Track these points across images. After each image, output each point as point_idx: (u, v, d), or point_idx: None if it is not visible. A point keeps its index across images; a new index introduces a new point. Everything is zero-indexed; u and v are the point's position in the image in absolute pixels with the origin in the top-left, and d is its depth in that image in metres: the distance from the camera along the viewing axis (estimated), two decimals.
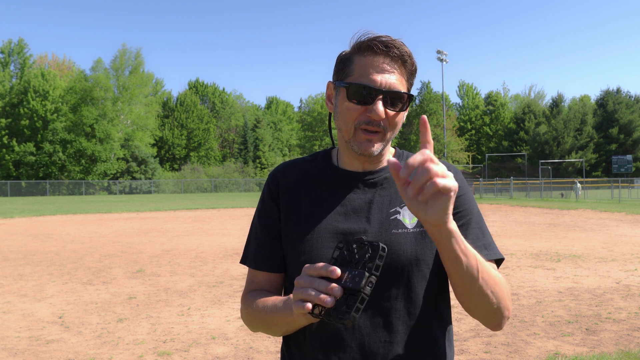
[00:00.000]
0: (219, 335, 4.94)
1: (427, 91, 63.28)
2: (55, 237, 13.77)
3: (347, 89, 1.16)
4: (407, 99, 1.16)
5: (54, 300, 6.42)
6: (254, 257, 1.26)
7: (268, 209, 1.26)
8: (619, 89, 70.97)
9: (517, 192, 39.81)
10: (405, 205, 1.16)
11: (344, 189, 1.23)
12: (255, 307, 1.21)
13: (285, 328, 1.14)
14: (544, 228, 14.90)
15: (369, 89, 1.13)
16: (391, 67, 1.15)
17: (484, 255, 1.17)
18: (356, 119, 1.16)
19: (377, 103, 1.12)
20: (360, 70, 1.15)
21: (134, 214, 22.82)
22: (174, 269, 8.58)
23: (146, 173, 60.24)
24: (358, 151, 1.17)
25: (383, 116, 1.13)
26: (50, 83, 57.46)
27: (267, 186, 1.28)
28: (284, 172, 1.29)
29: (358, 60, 1.17)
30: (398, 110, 1.16)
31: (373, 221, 1.18)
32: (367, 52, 1.16)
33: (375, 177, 1.23)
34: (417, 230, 1.17)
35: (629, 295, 6.37)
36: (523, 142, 67.94)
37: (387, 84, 1.13)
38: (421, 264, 1.16)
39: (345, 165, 1.25)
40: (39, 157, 55.95)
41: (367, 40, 1.16)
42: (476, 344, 4.58)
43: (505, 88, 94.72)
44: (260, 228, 1.26)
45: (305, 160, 1.31)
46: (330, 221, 1.18)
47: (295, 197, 1.24)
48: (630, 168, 53.17)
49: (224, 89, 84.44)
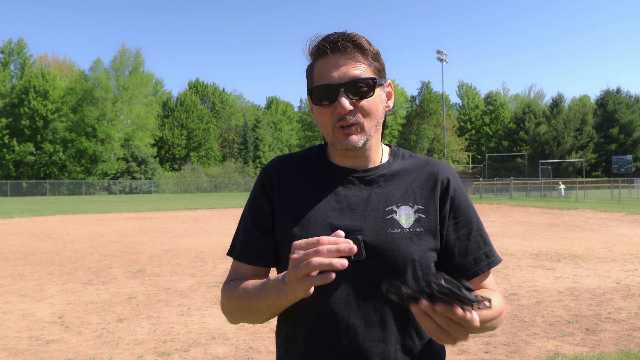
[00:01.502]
0: (219, 335, 4.94)
1: (427, 91, 63.26)
2: (55, 237, 13.77)
3: (311, 96, 1.18)
4: (372, 83, 1.16)
5: (54, 300, 6.42)
6: (241, 250, 1.25)
7: (260, 202, 1.25)
8: (619, 89, 70.97)
9: (517, 192, 39.81)
10: (403, 205, 1.18)
11: (339, 185, 1.22)
12: (235, 294, 1.19)
13: (269, 313, 1.14)
14: (544, 228, 14.90)
15: (327, 87, 1.14)
16: (346, 59, 1.15)
17: (484, 264, 1.23)
18: (329, 119, 1.16)
19: (340, 97, 1.13)
20: (319, 74, 1.17)
21: (134, 214, 22.82)
22: (174, 269, 8.58)
23: (146, 173, 60.23)
24: (342, 148, 1.17)
25: (349, 108, 1.13)
26: (50, 83, 57.45)
27: (260, 180, 1.27)
28: (277, 166, 1.27)
29: (316, 65, 1.18)
30: (364, 96, 1.15)
31: (369, 219, 1.17)
32: (320, 56, 1.18)
33: (371, 175, 1.22)
34: (413, 230, 1.17)
35: (629, 295, 6.37)
36: (523, 142, 67.92)
37: (344, 76, 1.14)
38: (416, 264, 1.15)
39: (338, 162, 1.25)
40: (39, 157, 55.94)
41: (316, 44, 1.17)
42: (476, 344, 4.58)
43: (505, 88, 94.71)
44: (250, 222, 1.25)
45: (299, 155, 1.30)
46: (326, 217, 1.18)
47: (290, 192, 1.23)
48: (630, 168, 53.19)
49: (224, 89, 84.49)
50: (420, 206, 1.19)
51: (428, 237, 1.18)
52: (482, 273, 1.24)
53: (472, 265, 1.23)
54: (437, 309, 0.87)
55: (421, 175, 1.23)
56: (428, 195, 1.21)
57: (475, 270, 1.23)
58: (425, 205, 1.20)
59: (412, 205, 1.19)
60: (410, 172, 1.24)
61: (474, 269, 1.23)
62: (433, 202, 1.21)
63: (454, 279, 0.86)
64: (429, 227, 1.18)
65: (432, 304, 0.87)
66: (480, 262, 1.23)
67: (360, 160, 1.23)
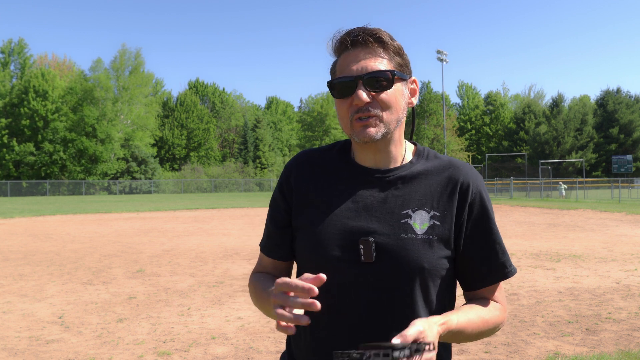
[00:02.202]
0: (219, 335, 4.94)
1: (427, 91, 63.25)
2: (55, 237, 13.77)
3: (331, 89, 1.19)
4: (391, 77, 1.15)
5: (54, 300, 6.42)
6: (265, 243, 1.33)
7: (277, 200, 1.29)
8: (619, 89, 70.98)
9: (517, 192, 39.80)
10: (418, 209, 1.17)
11: (356, 184, 1.21)
12: (252, 290, 1.30)
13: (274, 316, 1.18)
14: (544, 228, 14.90)
15: (346, 79, 1.15)
16: (367, 53, 1.16)
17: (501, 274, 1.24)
18: (348, 112, 1.16)
19: (357, 89, 1.14)
20: (340, 68, 1.18)
21: (134, 214, 22.82)
22: (174, 269, 8.58)
23: (146, 173, 60.22)
24: (359, 140, 1.16)
25: (366, 99, 1.13)
26: (50, 83, 57.44)
27: (281, 177, 1.31)
28: (298, 162, 1.30)
29: (339, 61, 1.20)
30: (382, 89, 1.14)
31: (383, 222, 1.16)
32: (341, 50, 1.19)
33: (390, 176, 1.20)
34: (426, 237, 1.15)
35: (629, 295, 6.37)
36: (523, 142, 67.93)
37: (363, 69, 1.14)
38: (426, 272, 1.14)
39: (359, 160, 1.24)
40: (39, 157, 55.93)
41: (338, 39, 1.19)
42: (476, 344, 4.58)
43: (505, 88, 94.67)
44: (269, 217, 1.32)
45: (322, 150, 1.31)
46: (341, 217, 1.18)
47: (307, 189, 1.24)
48: (630, 168, 53.19)
49: (224, 89, 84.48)
50: (436, 212, 1.17)
51: (441, 244, 1.16)
52: (497, 282, 1.24)
53: (487, 274, 1.22)
54: None
55: (442, 178, 1.21)
56: (446, 200, 1.19)
57: (491, 279, 1.23)
58: (441, 212, 1.18)
59: (429, 211, 1.17)
60: (431, 175, 1.21)
61: (489, 278, 1.23)
62: (450, 208, 1.18)
63: (382, 343, 0.89)
64: (442, 234, 1.17)
65: None
66: (496, 272, 1.23)
67: (381, 156, 1.21)
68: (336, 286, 1.13)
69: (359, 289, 1.13)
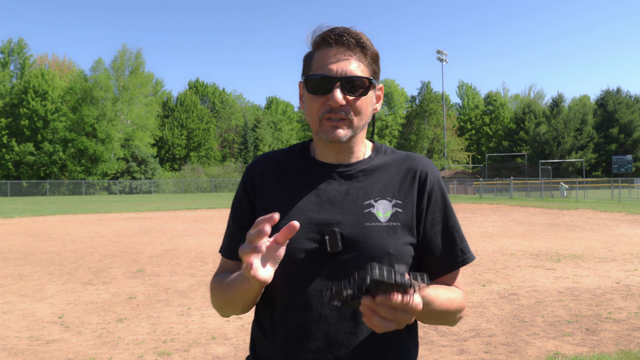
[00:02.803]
0: (219, 335, 4.94)
1: (427, 91, 63.26)
2: (55, 237, 13.77)
3: (306, 83, 1.19)
4: (368, 84, 1.18)
5: (54, 300, 6.42)
6: (227, 246, 1.30)
7: (240, 200, 1.29)
8: (619, 89, 71.02)
9: (517, 192, 39.80)
10: (381, 199, 1.20)
11: (319, 180, 1.23)
12: (216, 287, 1.25)
13: (242, 301, 1.18)
14: (544, 228, 14.90)
15: (325, 77, 1.15)
16: (348, 55, 1.17)
17: (460, 260, 1.26)
18: (319, 109, 1.18)
19: (335, 90, 1.14)
20: (318, 63, 1.18)
21: (134, 214, 22.82)
22: (174, 269, 8.58)
23: (146, 173, 60.23)
24: (327, 139, 1.18)
25: (342, 102, 1.15)
26: (50, 83, 57.44)
27: (243, 178, 1.31)
28: (260, 164, 1.31)
29: (316, 55, 1.19)
30: (358, 95, 1.17)
31: (347, 213, 1.19)
32: (322, 46, 1.19)
33: (351, 170, 1.24)
34: (390, 225, 1.19)
35: (629, 295, 6.37)
36: (523, 142, 67.93)
37: (343, 71, 1.15)
38: (392, 258, 1.16)
39: (320, 157, 1.26)
40: (38, 157, 55.93)
41: (322, 33, 1.18)
42: (476, 344, 4.58)
43: (505, 88, 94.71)
44: (232, 219, 1.30)
45: (283, 152, 1.33)
46: (305, 211, 1.19)
47: (271, 188, 1.25)
48: (630, 168, 53.21)
49: (224, 89, 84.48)
50: (398, 200, 1.22)
51: (404, 231, 1.20)
52: (457, 268, 1.26)
53: (447, 260, 1.25)
54: (377, 300, 0.89)
55: (401, 169, 1.25)
56: (407, 189, 1.23)
57: (452, 265, 1.25)
58: (403, 200, 1.22)
59: (390, 200, 1.21)
60: (390, 167, 1.26)
61: (450, 264, 1.25)
62: (411, 196, 1.23)
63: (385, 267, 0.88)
64: (405, 221, 1.20)
65: (372, 298, 0.89)
66: (455, 258, 1.26)
67: (342, 155, 1.24)
68: (304, 279, 1.16)
69: (327, 279, 1.15)
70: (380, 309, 0.90)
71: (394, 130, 74.39)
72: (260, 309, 1.25)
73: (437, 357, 4.30)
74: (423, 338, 4.77)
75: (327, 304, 1.15)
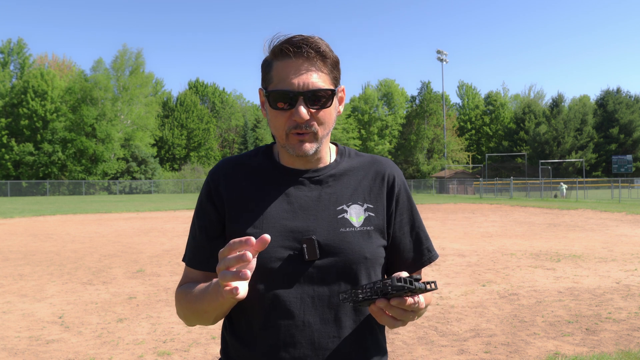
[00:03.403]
0: (219, 335, 4.94)
1: (427, 91, 63.27)
2: (55, 237, 13.78)
3: (268, 98, 1.17)
4: (330, 94, 1.17)
5: (54, 300, 6.42)
6: (193, 256, 1.26)
7: (205, 209, 1.25)
8: (619, 89, 71.01)
9: (517, 192, 39.81)
10: (352, 204, 1.23)
11: (288, 186, 1.22)
12: (184, 298, 1.22)
13: (214, 314, 1.16)
14: (544, 228, 14.90)
15: (287, 93, 1.14)
16: (308, 66, 1.15)
17: (426, 259, 1.33)
18: (285, 124, 1.16)
19: (299, 106, 1.14)
20: (279, 76, 1.16)
21: (134, 214, 22.83)
22: (174, 269, 8.58)
23: (146, 173, 60.24)
24: (294, 153, 1.18)
25: (307, 117, 1.14)
26: (50, 83, 57.44)
27: (207, 186, 1.26)
28: (225, 170, 1.26)
29: (275, 65, 1.17)
30: (321, 106, 1.16)
31: (321, 219, 1.19)
32: (281, 57, 1.16)
33: (320, 175, 1.24)
34: (363, 229, 1.21)
35: (629, 295, 6.37)
36: (523, 142, 67.93)
37: (305, 84, 1.14)
38: (368, 262, 1.20)
39: (286, 163, 1.25)
40: (38, 157, 55.93)
41: (279, 44, 1.16)
42: (476, 344, 4.58)
43: (504, 88, 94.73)
44: (198, 228, 1.26)
45: (246, 156, 1.30)
46: (278, 219, 1.18)
47: (239, 196, 1.22)
48: (630, 168, 53.21)
49: (224, 89, 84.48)
50: (369, 205, 1.24)
51: (377, 234, 1.23)
52: (424, 266, 1.32)
53: (415, 259, 1.31)
54: (392, 303, 0.98)
55: (369, 173, 1.28)
56: (376, 193, 1.26)
57: (419, 264, 1.31)
58: (374, 204, 1.25)
59: (362, 204, 1.23)
60: (358, 171, 1.28)
61: (417, 262, 1.31)
62: (381, 200, 1.26)
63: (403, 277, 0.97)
64: (377, 225, 1.23)
65: (388, 300, 0.98)
66: (422, 257, 1.32)
67: (309, 162, 1.24)
68: (283, 287, 1.15)
69: (305, 286, 1.15)
70: (393, 310, 1.00)
71: (394, 130, 74.40)
72: (235, 318, 1.22)
73: (437, 357, 4.30)
74: (423, 338, 4.77)
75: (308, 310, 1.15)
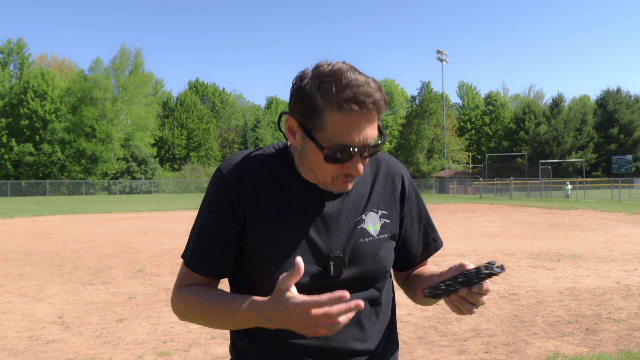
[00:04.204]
0: (219, 335, 4.94)
1: (427, 91, 63.25)
2: (55, 237, 13.78)
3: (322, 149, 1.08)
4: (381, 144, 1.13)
5: (54, 300, 6.42)
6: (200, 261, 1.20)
7: (224, 214, 1.16)
8: (619, 89, 71.01)
9: (517, 192, 39.81)
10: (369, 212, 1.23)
11: (312, 200, 1.19)
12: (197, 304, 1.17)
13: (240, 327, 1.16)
14: (544, 228, 14.90)
15: (348, 148, 1.07)
16: (367, 120, 1.07)
17: (432, 249, 1.37)
18: (334, 172, 1.12)
19: (356, 161, 1.09)
20: (336, 129, 1.06)
21: (134, 214, 22.82)
22: (174, 269, 8.58)
23: (146, 173, 60.24)
24: (334, 191, 1.17)
25: (362, 172, 1.11)
26: (49, 83, 57.44)
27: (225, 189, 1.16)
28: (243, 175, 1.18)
29: (331, 114, 1.05)
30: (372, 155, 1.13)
31: (342, 232, 1.19)
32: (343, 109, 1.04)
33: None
34: (381, 237, 1.23)
35: (629, 295, 6.37)
36: (523, 142, 67.94)
37: (365, 140, 1.07)
38: (387, 268, 1.24)
39: (308, 178, 1.18)
40: (37, 157, 55.93)
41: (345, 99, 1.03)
42: (476, 344, 4.58)
43: (505, 88, 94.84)
44: (209, 233, 1.18)
45: (263, 160, 1.21)
46: (302, 233, 1.16)
47: (261, 206, 1.16)
48: (630, 168, 53.22)
49: (224, 89, 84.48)
50: (383, 211, 1.25)
51: (391, 240, 1.26)
52: (431, 256, 1.37)
53: (423, 251, 1.35)
54: (473, 290, 1.06)
55: (380, 177, 1.27)
56: (389, 198, 1.26)
57: (426, 255, 1.36)
58: (388, 210, 1.25)
59: (377, 211, 1.24)
60: (369, 175, 1.26)
61: (424, 254, 1.36)
62: (394, 205, 1.27)
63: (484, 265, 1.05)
64: (392, 230, 1.25)
65: (469, 288, 1.06)
66: (429, 248, 1.36)
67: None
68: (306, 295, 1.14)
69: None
70: (472, 297, 1.07)
71: (394, 130, 74.39)
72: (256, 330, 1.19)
73: (437, 357, 4.30)
74: (423, 338, 4.77)
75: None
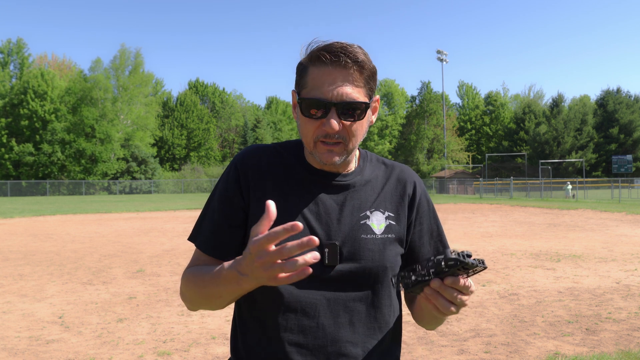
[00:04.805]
0: (219, 335, 4.94)
1: (427, 91, 63.23)
2: (55, 237, 13.78)
3: (301, 104, 1.15)
4: (364, 107, 1.15)
5: (54, 300, 6.42)
6: (207, 240, 1.22)
7: (232, 196, 1.21)
8: (619, 89, 71.02)
9: (517, 192, 39.80)
10: (375, 210, 1.22)
11: (316, 188, 1.22)
12: (193, 280, 1.19)
13: (230, 298, 1.14)
14: (544, 228, 14.90)
15: (320, 101, 1.12)
16: (344, 76, 1.12)
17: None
18: (314, 132, 1.15)
19: (331, 116, 1.12)
20: (313, 83, 1.13)
21: (134, 214, 22.83)
22: (174, 269, 8.58)
23: (146, 173, 60.23)
24: (321, 162, 1.17)
25: (337, 128, 1.12)
26: (49, 83, 57.44)
27: (235, 171, 1.22)
28: (254, 161, 1.23)
29: (311, 71, 1.14)
30: (354, 119, 1.14)
31: (344, 224, 1.19)
32: (317, 63, 1.13)
33: (347, 180, 1.24)
34: (385, 237, 1.21)
35: (629, 295, 6.37)
36: (523, 142, 67.94)
37: (339, 95, 1.11)
38: (387, 269, 1.20)
39: (316, 166, 1.24)
40: (37, 157, 55.93)
41: (317, 49, 1.13)
42: (476, 344, 4.58)
43: (504, 88, 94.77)
44: (219, 213, 1.22)
45: (275, 149, 1.27)
46: (300, 219, 1.17)
47: (266, 190, 1.21)
48: (630, 168, 53.22)
49: (224, 89, 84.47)
50: (390, 213, 1.24)
51: (396, 243, 1.23)
52: None
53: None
54: (446, 283, 0.98)
55: (391, 181, 1.28)
56: (398, 202, 1.26)
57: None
58: (395, 213, 1.25)
59: (383, 212, 1.24)
60: (381, 178, 1.28)
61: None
62: (402, 209, 1.26)
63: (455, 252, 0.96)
64: (398, 233, 1.24)
65: (442, 280, 0.98)
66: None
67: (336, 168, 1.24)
68: (299, 288, 1.15)
69: (322, 289, 1.15)
70: (446, 291, 0.99)
71: (394, 130, 74.38)
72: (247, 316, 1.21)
73: (437, 357, 4.30)
74: (423, 338, 4.77)
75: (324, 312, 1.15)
